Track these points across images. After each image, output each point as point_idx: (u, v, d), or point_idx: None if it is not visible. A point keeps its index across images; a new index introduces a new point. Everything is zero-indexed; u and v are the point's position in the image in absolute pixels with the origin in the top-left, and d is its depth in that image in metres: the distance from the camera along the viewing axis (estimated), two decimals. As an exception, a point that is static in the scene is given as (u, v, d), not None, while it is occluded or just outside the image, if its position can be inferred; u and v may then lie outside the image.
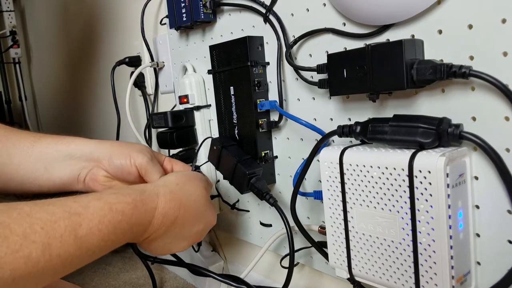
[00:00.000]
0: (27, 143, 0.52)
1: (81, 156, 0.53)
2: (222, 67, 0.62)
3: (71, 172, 0.53)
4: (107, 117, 1.19)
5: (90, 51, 1.26)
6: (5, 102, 1.96)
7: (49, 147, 0.53)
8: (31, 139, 0.53)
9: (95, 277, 0.90)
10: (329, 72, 0.46)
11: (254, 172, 0.56)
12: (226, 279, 0.57)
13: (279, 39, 0.56)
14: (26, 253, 0.31)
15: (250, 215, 0.70)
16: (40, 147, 0.52)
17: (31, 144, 0.52)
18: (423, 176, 0.36)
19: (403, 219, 0.39)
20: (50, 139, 0.53)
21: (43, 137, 0.54)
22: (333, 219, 0.46)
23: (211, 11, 0.66)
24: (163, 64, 0.86)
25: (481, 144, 0.36)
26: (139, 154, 0.53)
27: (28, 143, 0.52)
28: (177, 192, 0.47)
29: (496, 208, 0.38)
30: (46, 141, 0.53)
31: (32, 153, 0.52)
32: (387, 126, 0.40)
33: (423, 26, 0.41)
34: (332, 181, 0.45)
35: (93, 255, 0.38)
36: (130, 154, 0.53)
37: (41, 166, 0.52)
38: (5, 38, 1.85)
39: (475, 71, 0.35)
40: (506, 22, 0.35)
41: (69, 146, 0.53)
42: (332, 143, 0.52)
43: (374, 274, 0.43)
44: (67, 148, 0.53)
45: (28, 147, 0.52)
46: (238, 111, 0.61)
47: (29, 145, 0.52)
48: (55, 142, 0.53)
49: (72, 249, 0.35)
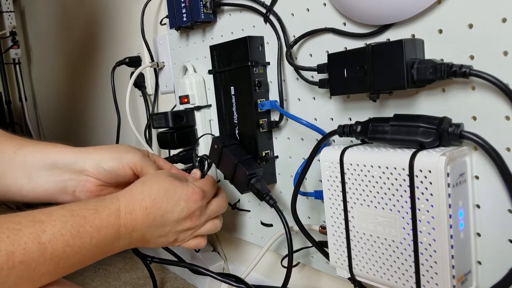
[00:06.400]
0: (9, 150, 0.51)
1: (64, 166, 0.51)
2: (222, 67, 0.62)
3: (55, 183, 0.51)
4: (107, 118, 1.19)
5: (90, 51, 1.26)
6: (5, 103, 1.96)
7: (30, 156, 0.51)
8: (14, 146, 0.51)
9: (96, 277, 0.90)
10: (330, 72, 0.46)
11: (254, 173, 0.56)
12: (226, 279, 0.57)
13: (279, 39, 0.56)
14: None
15: (251, 215, 0.70)
16: (22, 156, 0.51)
17: (13, 151, 0.51)
18: (424, 176, 0.36)
19: (403, 218, 0.39)
20: (32, 147, 0.51)
21: (26, 144, 0.52)
22: (333, 219, 0.46)
23: (211, 11, 0.66)
24: (163, 64, 0.86)
25: (482, 143, 0.36)
26: (128, 154, 0.52)
27: (11, 150, 0.51)
28: (136, 188, 0.47)
29: (497, 208, 0.38)
30: (28, 149, 0.51)
31: (15, 161, 0.50)
32: (387, 125, 0.40)
33: (424, 26, 0.41)
34: (332, 181, 0.45)
35: (60, 263, 0.38)
36: (119, 156, 0.51)
37: (24, 174, 0.50)
38: (5, 39, 1.85)
39: (475, 71, 0.35)
40: (507, 21, 0.35)
41: (50, 155, 0.51)
42: (333, 143, 0.52)
43: (374, 273, 0.43)
44: (48, 157, 0.51)
45: (11, 155, 0.50)
46: (238, 111, 0.61)
47: (12, 153, 0.51)
48: (36, 150, 0.51)
49: (35, 255, 0.36)
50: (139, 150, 0.54)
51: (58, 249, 0.38)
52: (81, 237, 0.40)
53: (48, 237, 0.37)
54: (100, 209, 0.43)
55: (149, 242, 0.48)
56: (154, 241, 0.48)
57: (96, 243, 0.41)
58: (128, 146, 0.54)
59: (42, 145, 0.52)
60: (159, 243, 0.49)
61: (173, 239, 0.50)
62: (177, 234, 0.50)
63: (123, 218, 0.44)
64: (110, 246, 0.43)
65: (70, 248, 0.39)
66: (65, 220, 0.40)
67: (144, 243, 0.48)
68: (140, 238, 0.46)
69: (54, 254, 0.38)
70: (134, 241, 0.46)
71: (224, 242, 0.83)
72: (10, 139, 0.52)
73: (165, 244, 0.50)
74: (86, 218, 0.41)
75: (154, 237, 0.47)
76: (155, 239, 0.48)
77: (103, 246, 0.42)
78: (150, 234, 0.47)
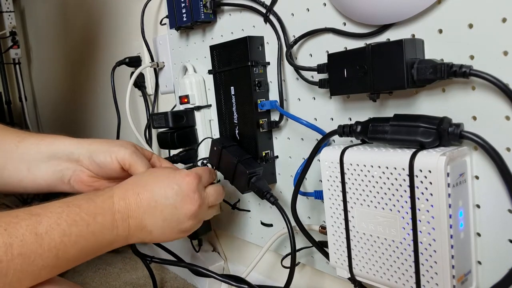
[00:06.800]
0: (12, 143, 0.52)
1: (63, 156, 0.52)
2: (222, 67, 0.62)
3: (54, 172, 0.52)
4: (107, 118, 1.19)
5: (90, 51, 1.26)
6: (5, 103, 1.96)
7: (32, 148, 0.52)
8: (16, 139, 0.52)
9: (96, 277, 0.90)
10: (330, 72, 0.46)
11: (254, 172, 0.56)
12: (226, 279, 0.57)
13: (279, 39, 0.56)
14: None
15: (251, 215, 0.70)
16: (24, 148, 0.52)
17: (15, 144, 0.52)
18: (424, 176, 0.36)
19: (403, 218, 0.39)
20: (33, 139, 0.53)
21: (27, 137, 0.53)
22: (333, 219, 0.46)
23: (211, 11, 0.66)
24: (163, 64, 0.86)
25: (482, 143, 0.36)
26: (120, 149, 0.52)
27: (13, 143, 0.52)
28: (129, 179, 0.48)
29: (497, 208, 0.38)
30: (29, 141, 0.52)
31: (16, 153, 0.52)
32: (387, 125, 0.40)
33: (424, 26, 0.41)
34: (332, 181, 0.45)
35: (59, 254, 0.39)
36: (110, 150, 0.52)
37: (24, 167, 0.52)
38: (5, 39, 1.85)
39: (475, 71, 0.35)
40: (507, 21, 0.35)
41: (50, 146, 0.52)
42: (333, 142, 0.52)
43: (375, 273, 0.43)
44: (48, 148, 0.52)
45: (13, 148, 0.52)
46: (238, 111, 0.61)
47: (14, 146, 0.52)
48: (37, 142, 0.52)
49: (33, 247, 0.37)
50: (134, 147, 0.54)
51: (56, 239, 0.38)
52: (77, 225, 0.40)
53: (44, 228, 0.38)
54: (94, 197, 0.44)
55: (153, 233, 0.46)
56: (159, 233, 0.46)
57: (93, 230, 0.41)
58: (124, 142, 0.54)
59: (43, 137, 0.53)
60: (165, 235, 0.47)
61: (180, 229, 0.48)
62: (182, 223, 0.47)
63: (117, 203, 0.44)
64: (108, 234, 0.43)
65: (67, 237, 0.39)
66: (60, 211, 0.40)
67: (148, 235, 0.46)
68: (141, 228, 0.45)
69: (52, 245, 0.38)
70: (134, 232, 0.45)
71: (224, 242, 0.83)
72: (12, 132, 0.53)
73: (172, 236, 0.48)
74: (81, 206, 0.42)
75: (156, 227, 0.46)
76: (158, 230, 0.46)
77: (101, 234, 0.42)
78: (151, 224, 0.45)
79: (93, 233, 0.41)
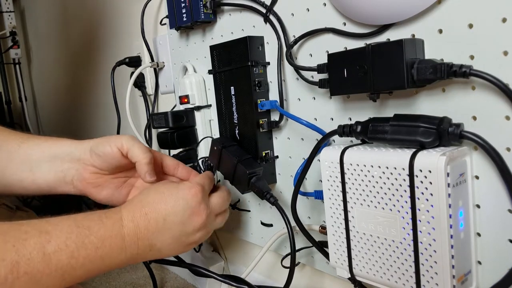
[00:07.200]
0: (14, 144, 0.52)
1: (65, 156, 0.52)
2: (222, 67, 0.62)
3: (56, 173, 0.52)
4: (107, 118, 1.19)
5: (90, 51, 1.26)
6: (5, 103, 1.96)
7: (34, 148, 0.52)
8: (18, 140, 0.52)
9: (96, 277, 0.90)
10: (330, 72, 0.46)
11: (254, 172, 0.56)
12: (227, 279, 0.57)
13: (279, 39, 0.56)
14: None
15: (251, 215, 0.70)
16: (26, 148, 0.52)
17: (18, 145, 0.52)
18: (424, 176, 0.36)
19: (403, 218, 0.39)
20: (36, 140, 0.53)
21: (30, 138, 0.53)
22: (333, 219, 0.46)
23: (211, 11, 0.66)
24: (163, 65, 0.86)
25: (482, 143, 0.36)
26: (118, 138, 0.52)
27: (16, 144, 0.52)
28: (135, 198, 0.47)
29: (497, 208, 0.38)
30: (32, 142, 0.53)
31: (19, 153, 0.52)
32: (387, 125, 0.40)
33: (424, 26, 0.41)
34: (332, 181, 0.45)
35: (64, 275, 0.38)
36: (109, 140, 0.52)
37: (26, 167, 0.52)
38: (5, 39, 1.85)
39: (475, 71, 0.35)
40: (507, 21, 0.35)
41: (52, 146, 0.52)
42: (333, 142, 0.52)
43: (375, 273, 0.43)
44: (50, 149, 0.52)
45: (15, 149, 0.52)
46: (238, 111, 0.61)
47: (16, 147, 0.52)
48: (39, 143, 0.53)
49: (40, 266, 0.36)
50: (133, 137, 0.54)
51: (63, 260, 0.38)
52: (86, 248, 0.40)
53: (52, 248, 0.38)
54: (105, 219, 0.43)
55: (162, 251, 0.46)
56: (168, 249, 0.47)
57: (102, 254, 0.41)
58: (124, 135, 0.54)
59: (45, 138, 0.54)
60: (174, 250, 0.47)
61: (189, 242, 0.48)
62: (191, 236, 0.48)
63: (126, 227, 0.44)
64: (116, 258, 0.43)
65: (75, 259, 0.39)
66: (69, 230, 0.40)
67: (157, 253, 0.46)
68: (150, 248, 0.45)
69: (59, 266, 0.38)
70: (143, 253, 0.45)
71: (224, 242, 0.83)
72: (14, 134, 0.54)
73: (181, 250, 0.48)
74: (91, 228, 0.41)
75: (165, 245, 0.46)
76: (167, 247, 0.46)
77: (108, 258, 0.42)
78: (160, 242, 0.45)
79: (101, 257, 0.41)
